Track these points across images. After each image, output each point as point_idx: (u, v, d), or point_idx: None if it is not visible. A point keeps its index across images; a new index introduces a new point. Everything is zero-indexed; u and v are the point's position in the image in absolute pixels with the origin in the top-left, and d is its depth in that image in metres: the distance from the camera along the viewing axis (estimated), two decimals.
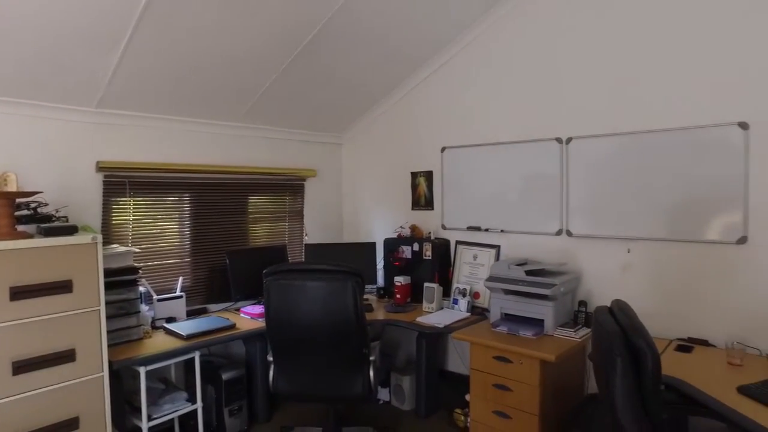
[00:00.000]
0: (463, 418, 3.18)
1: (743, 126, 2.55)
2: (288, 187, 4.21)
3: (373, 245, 3.99)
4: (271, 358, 2.75)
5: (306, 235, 4.31)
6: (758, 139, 2.51)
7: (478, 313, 3.36)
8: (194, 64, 2.93)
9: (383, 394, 3.67)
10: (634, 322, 1.66)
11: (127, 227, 3.21)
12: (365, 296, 3.81)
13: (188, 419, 2.98)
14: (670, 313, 2.76)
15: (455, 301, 3.47)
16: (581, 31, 3.08)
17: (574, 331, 2.75)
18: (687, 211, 2.71)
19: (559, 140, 3.18)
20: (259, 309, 3.29)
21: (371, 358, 2.69)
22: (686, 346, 2.58)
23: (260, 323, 3.09)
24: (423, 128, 3.98)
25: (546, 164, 3.23)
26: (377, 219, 4.34)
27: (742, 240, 2.55)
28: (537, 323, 2.82)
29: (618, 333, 1.64)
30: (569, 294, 2.96)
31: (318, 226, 4.41)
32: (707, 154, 2.65)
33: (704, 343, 2.60)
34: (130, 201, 3.21)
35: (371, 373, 2.69)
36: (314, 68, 3.38)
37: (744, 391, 1.96)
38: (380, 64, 3.65)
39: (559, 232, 3.19)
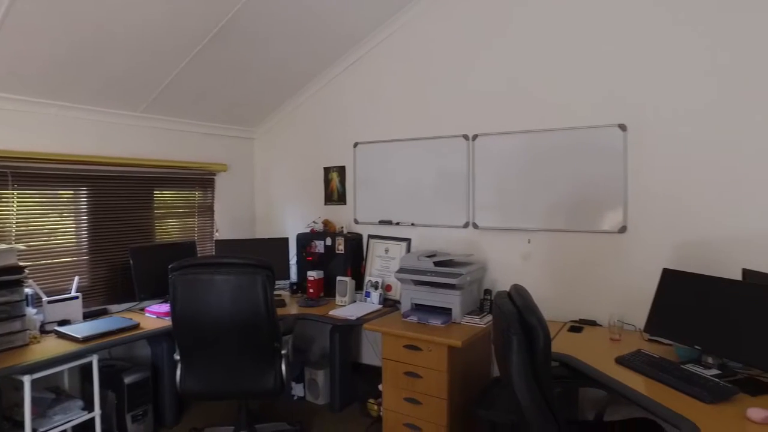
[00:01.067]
0: (376, 407, 3.25)
1: (622, 128, 2.83)
2: (197, 181, 4.06)
3: (285, 240, 3.95)
4: (178, 357, 2.64)
5: (216, 231, 4.18)
6: (634, 139, 2.80)
7: (390, 305, 3.45)
8: (92, 49, 2.74)
9: (297, 390, 3.66)
10: (528, 303, 1.80)
11: (9, 223, 2.93)
12: (278, 292, 3.79)
13: (85, 429, 2.78)
14: (565, 298, 3.00)
15: (368, 294, 3.53)
16: (486, 33, 3.27)
17: (480, 318, 2.91)
18: (579, 204, 2.96)
19: (466, 137, 3.34)
20: (165, 308, 3.15)
21: (283, 351, 2.68)
22: (577, 326, 2.83)
23: (167, 322, 2.96)
24: (336, 124, 4.00)
25: (454, 160, 3.38)
26: (290, 214, 4.30)
27: (623, 229, 2.83)
28: (445, 312, 2.95)
29: (514, 313, 1.76)
30: (475, 283, 3.13)
31: (229, 222, 4.29)
32: (594, 152, 2.91)
33: (592, 323, 2.86)
34: (13, 194, 2.93)
35: (283, 367, 2.67)
36: (224, 60, 3.29)
37: (620, 361, 2.19)
38: (293, 59, 3.62)
39: (466, 225, 3.36)
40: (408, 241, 3.59)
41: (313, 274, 3.65)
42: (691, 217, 2.66)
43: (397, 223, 3.64)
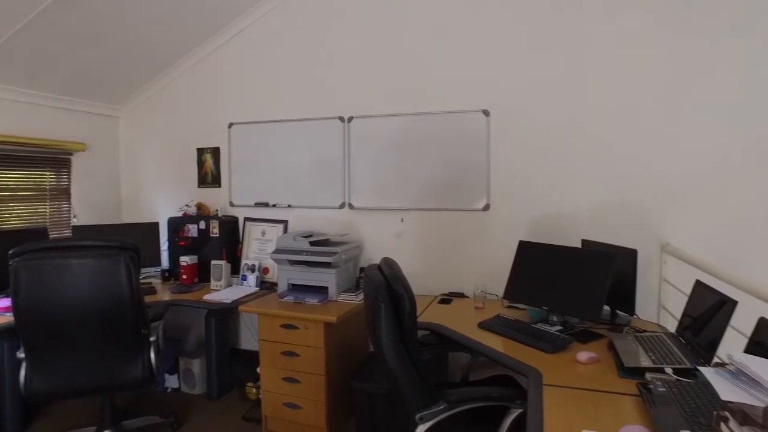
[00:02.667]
0: (254, 390, 3.20)
1: (486, 113, 3.06)
2: (49, 161, 3.65)
3: (155, 225, 3.71)
4: (22, 355, 2.37)
5: (74, 216, 3.80)
6: (496, 124, 3.05)
7: (267, 287, 3.40)
8: None
9: (171, 382, 3.48)
10: (396, 273, 1.89)
11: None
12: (148, 280, 3.56)
13: None
14: (436, 272, 3.19)
15: (244, 278, 3.45)
16: (362, 18, 3.32)
17: (356, 295, 2.99)
18: (448, 184, 3.15)
19: (341, 119, 3.39)
20: (7, 302, 2.80)
21: (152, 338, 2.53)
22: (447, 299, 3.02)
23: (8, 318, 2.63)
24: (210, 103, 3.83)
25: (330, 142, 3.41)
26: (161, 198, 4.05)
27: (486, 207, 3.08)
28: (322, 290, 2.99)
29: (382, 282, 1.85)
30: (351, 261, 3.20)
31: (91, 207, 3.92)
32: (461, 136, 3.11)
33: (461, 295, 3.08)
34: None
35: (152, 355, 2.53)
36: (73, 25, 2.98)
37: (481, 326, 2.39)
38: (160, 32, 3.39)
39: (342, 206, 3.41)
40: (285, 222, 3.57)
41: (186, 260, 3.48)
42: (543, 194, 2.97)
43: (274, 205, 3.60)
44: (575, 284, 2.29)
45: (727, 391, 0.78)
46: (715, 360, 1.65)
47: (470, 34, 3.08)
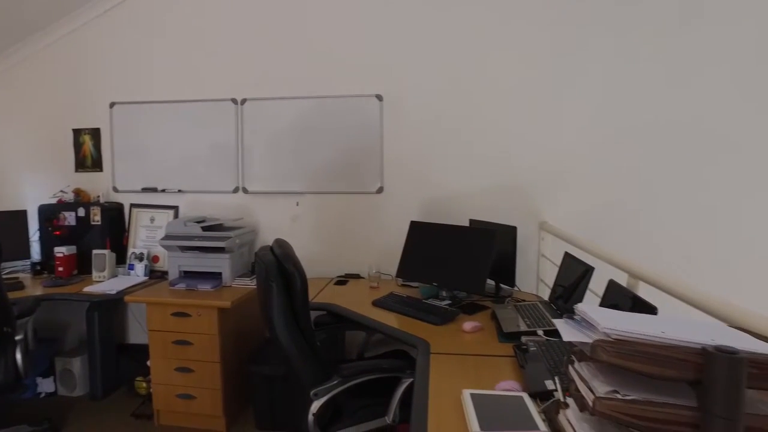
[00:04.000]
0: (145, 385, 3.04)
1: (379, 98, 3.12)
2: None
3: (22, 214, 3.35)
4: None
5: None
6: (389, 109, 3.12)
7: (157, 276, 3.23)
8: None
9: (46, 386, 3.19)
10: (287, 252, 1.89)
11: None
12: (14, 275, 3.23)
13: None
14: (332, 255, 3.22)
15: (131, 267, 3.24)
16: None
17: (251, 280, 2.93)
18: (343, 167, 3.18)
19: (234, 101, 3.28)
20: None
21: (17, 337, 2.30)
22: (343, 280, 3.07)
23: None
24: (88, 79, 3.51)
25: (223, 124, 3.29)
26: (30, 183, 3.65)
27: (380, 190, 3.16)
28: (215, 276, 2.89)
29: (273, 262, 1.84)
30: (246, 246, 3.13)
31: None
32: (356, 120, 3.15)
33: (357, 276, 3.14)
34: None
35: (18, 356, 2.30)
36: None
37: (375, 303, 2.46)
38: None
39: (236, 190, 3.32)
40: (176, 208, 3.39)
41: (62, 251, 3.19)
42: (434, 177, 3.10)
43: (163, 190, 3.41)
44: (462, 261, 2.44)
45: (568, 334, 0.88)
46: None
47: (365, 19, 3.11)
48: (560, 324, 0.95)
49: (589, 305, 0.96)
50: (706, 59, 2.89)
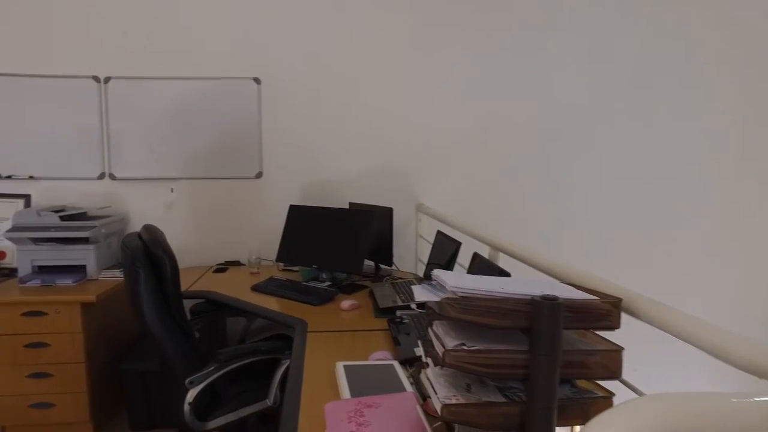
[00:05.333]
0: None
1: (257, 81, 3.05)
2: None
3: None
4: None
5: None
6: (267, 92, 3.07)
7: (5, 274, 2.87)
8: None
9: None
10: (155, 237, 1.80)
11: None
12: None
13: None
14: (211, 243, 3.11)
15: None
16: None
17: (120, 271, 2.73)
18: (220, 152, 3.07)
19: (96, 78, 3.00)
20: None
21: None
22: (223, 267, 2.98)
23: None
24: None
25: (83, 103, 3.00)
26: None
27: (259, 175, 3.10)
28: (78, 269, 2.66)
29: (139, 247, 1.74)
30: (115, 236, 2.91)
31: None
32: (232, 102, 3.05)
33: (237, 263, 3.07)
34: None
35: None
36: None
37: (255, 288, 2.43)
38: None
39: (102, 176, 3.05)
40: (27, 197, 3.04)
41: None
42: (314, 161, 3.11)
43: (9, 177, 3.03)
44: (340, 242, 2.49)
45: (421, 295, 0.96)
46: None
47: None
48: (416, 288, 1.03)
49: (444, 270, 1.05)
50: (563, 58, 3.22)
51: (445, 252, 2.20)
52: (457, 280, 0.96)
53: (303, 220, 2.68)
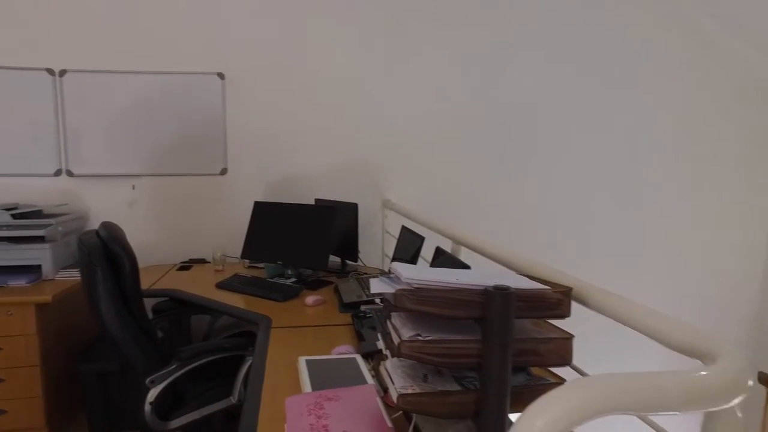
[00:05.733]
0: None
1: (221, 76, 3.01)
2: None
3: None
4: None
5: None
6: (232, 87, 3.03)
7: None
8: None
9: None
10: (113, 234, 1.76)
11: None
12: None
13: None
14: (174, 240, 3.05)
15: None
16: None
17: (78, 271, 2.65)
18: (183, 148, 3.01)
19: (50, 71, 2.90)
20: None
21: None
22: (187, 265, 2.93)
23: None
24: None
25: (37, 97, 2.90)
26: None
27: (224, 171, 3.06)
28: (33, 269, 2.57)
29: (96, 245, 1.70)
30: (73, 234, 2.82)
31: None
32: (195, 98, 3.00)
33: (202, 261, 3.02)
34: None
35: None
36: None
37: (219, 285, 2.40)
38: None
39: (58, 173, 2.96)
40: None
41: None
42: (280, 157, 3.09)
43: None
44: (305, 238, 2.48)
45: (377, 287, 0.97)
46: None
47: None
48: (374, 281, 1.04)
49: (401, 263, 1.06)
50: (525, 58, 3.29)
51: (409, 247, 2.22)
52: (412, 272, 0.98)
53: (268, 216, 2.66)
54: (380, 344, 1.54)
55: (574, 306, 1.03)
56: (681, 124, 3.62)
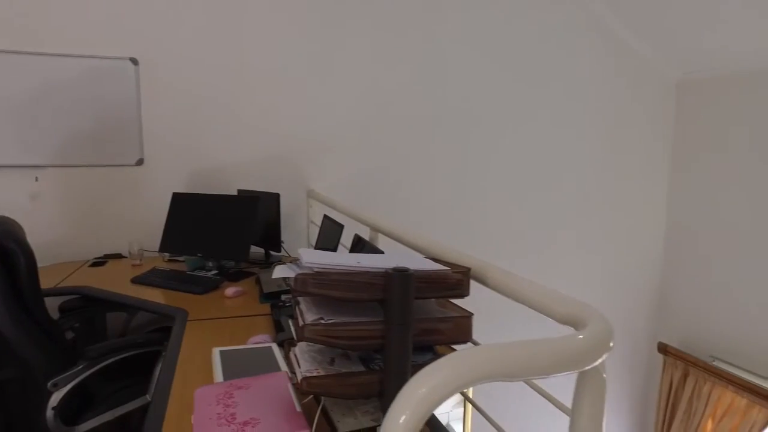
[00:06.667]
0: None
1: (134, 61, 2.85)
2: None
3: None
4: None
5: None
6: (147, 74, 2.88)
7: None
8: None
9: None
10: (6, 228, 1.64)
11: None
12: None
13: None
14: (86, 235, 2.87)
15: None
16: None
17: None
18: (95, 138, 2.83)
19: None
20: None
21: None
22: (101, 261, 2.77)
23: None
24: None
25: None
26: None
27: (140, 162, 2.92)
28: None
29: None
30: None
31: None
32: (106, 84, 2.82)
33: (118, 255, 2.87)
34: None
35: None
36: None
37: (135, 281, 2.30)
38: None
39: None
40: None
41: None
42: (201, 147, 2.98)
43: None
44: (226, 229, 2.42)
45: (279, 272, 0.97)
46: None
47: None
48: (278, 268, 1.04)
49: (306, 249, 1.06)
50: (453, 52, 3.36)
51: (331, 236, 2.23)
52: (314, 256, 0.99)
53: (187, 208, 2.57)
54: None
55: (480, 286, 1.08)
56: (593, 118, 3.86)
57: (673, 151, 4.17)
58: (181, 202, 2.60)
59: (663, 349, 4.11)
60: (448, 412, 4.74)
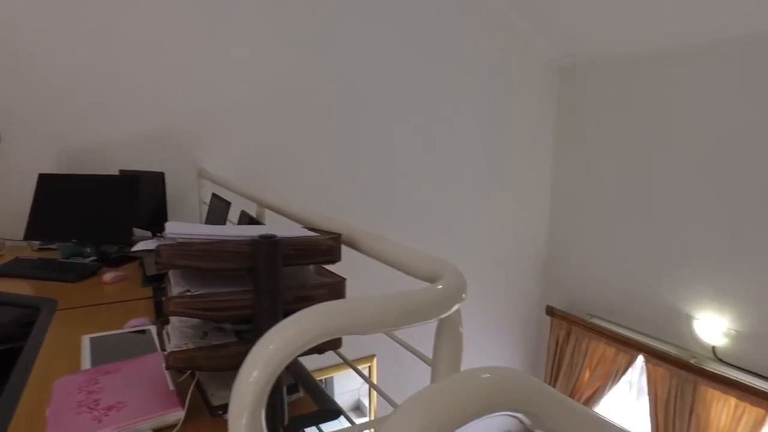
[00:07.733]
0: None
1: None
2: None
3: None
4: None
5: None
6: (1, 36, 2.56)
7: None
8: None
9: None
10: None
11: None
12: None
13: None
14: None
15: None
16: None
17: None
18: None
19: None
20: None
21: None
22: None
23: None
24: None
25: None
26: None
27: None
28: None
29: None
30: None
31: None
32: None
33: None
34: None
35: None
36: None
37: None
38: None
39: None
40: None
41: None
42: (75, 123, 2.71)
43: None
44: (103, 212, 2.25)
45: (139, 246, 0.92)
46: None
47: None
48: (141, 243, 0.98)
49: (174, 222, 1.01)
50: (348, 25, 3.33)
51: (219, 214, 2.16)
52: (179, 228, 0.95)
53: (57, 190, 2.35)
54: None
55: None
56: (484, 91, 4.04)
57: (557, 128, 4.50)
58: (49, 184, 2.37)
59: (550, 311, 4.47)
60: (358, 388, 4.84)
